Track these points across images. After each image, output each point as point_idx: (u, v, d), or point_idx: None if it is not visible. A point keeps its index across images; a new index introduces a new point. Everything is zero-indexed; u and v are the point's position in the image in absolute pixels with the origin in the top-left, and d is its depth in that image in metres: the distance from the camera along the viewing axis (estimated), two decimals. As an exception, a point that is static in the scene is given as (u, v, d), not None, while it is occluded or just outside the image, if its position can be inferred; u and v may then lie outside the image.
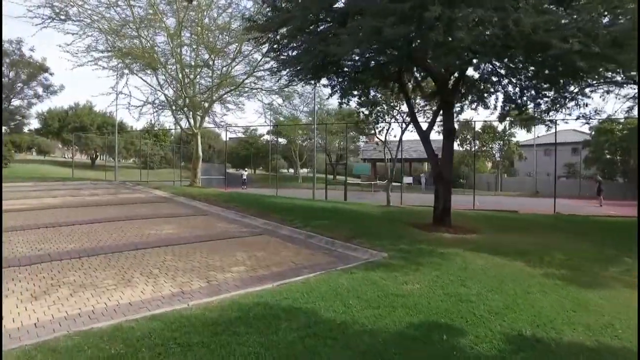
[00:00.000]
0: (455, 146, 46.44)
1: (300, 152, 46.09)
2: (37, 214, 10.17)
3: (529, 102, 10.83)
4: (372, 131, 17.31)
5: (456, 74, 9.97)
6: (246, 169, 45.12)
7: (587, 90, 10.96)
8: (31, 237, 7.52)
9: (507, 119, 32.92)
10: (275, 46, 10.39)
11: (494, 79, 11.08)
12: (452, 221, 10.25)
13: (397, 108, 16.24)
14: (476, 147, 49.62)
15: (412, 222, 10.44)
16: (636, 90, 12.78)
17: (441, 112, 10.87)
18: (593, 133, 33.67)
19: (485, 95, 11.45)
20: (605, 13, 7.30)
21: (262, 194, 18.26)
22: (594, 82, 11.20)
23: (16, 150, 41.65)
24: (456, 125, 17.49)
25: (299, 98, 21.18)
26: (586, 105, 10.48)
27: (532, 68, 9.08)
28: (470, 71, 10.79)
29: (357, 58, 11.22)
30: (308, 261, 6.64)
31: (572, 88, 10.63)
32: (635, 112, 14.92)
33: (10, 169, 31.01)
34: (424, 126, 11.20)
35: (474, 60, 7.35)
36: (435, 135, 18.19)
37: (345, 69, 11.46)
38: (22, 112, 25.71)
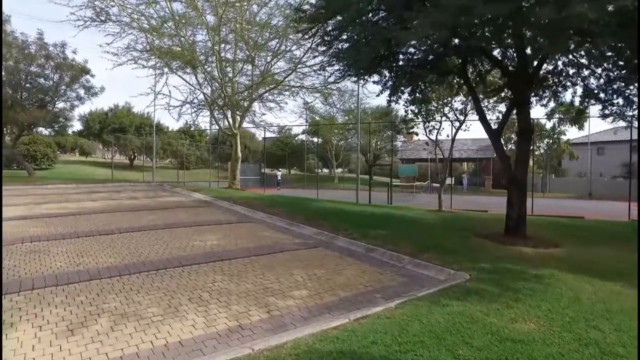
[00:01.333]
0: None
1: (336, 151, 45.14)
2: (77, 221, 9.72)
3: (614, 96, 9.42)
4: (416, 130, 16.11)
5: (534, 65, 8.70)
6: (280, 169, 44.63)
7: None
8: (70, 249, 6.94)
9: (556, 115, 30.82)
10: (326, 38, 9.47)
11: (571, 70, 9.77)
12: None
13: (450, 105, 15.06)
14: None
15: (478, 232, 9.28)
16: None
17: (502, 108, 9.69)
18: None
19: (560, 89, 10.10)
20: None
21: (304, 197, 17.45)
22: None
23: (61, 151, 42.94)
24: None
25: (341, 96, 20.19)
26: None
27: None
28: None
29: (413, 51, 10.19)
30: (377, 282, 5.69)
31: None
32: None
33: (54, 170, 31.75)
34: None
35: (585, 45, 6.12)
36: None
37: (401, 63, 10.43)
38: (66, 114, 25.93)
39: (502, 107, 14.77)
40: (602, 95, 9.50)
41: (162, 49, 16.66)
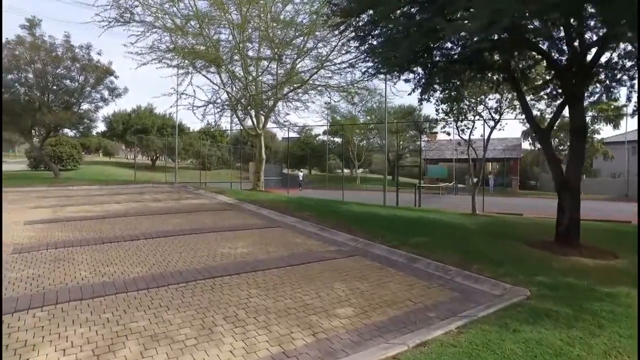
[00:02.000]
0: (527, 145, 42.78)
1: (358, 152, 44.51)
2: (101, 225, 9.45)
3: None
4: (447, 130, 15.41)
5: (589, 57, 7.95)
6: (302, 169, 44.26)
7: None
8: (94, 257, 6.60)
9: (590, 112, 29.42)
10: (359, 33, 8.94)
11: (628, 62, 8.96)
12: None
13: (484, 104, 14.33)
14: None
15: (524, 240, 8.58)
16: None
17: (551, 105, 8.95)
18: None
19: (614, 84, 9.29)
20: None
21: (330, 199, 16.94)
22: None
23: (85, 152, 43.63)
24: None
25: (368, 95, 19.57)
26: None
27: None
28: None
29: (450, 46, 9.57)
30: (427, 298, 5.13)
31: None
32: None
33: (79, 170, 32.15)
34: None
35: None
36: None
37: (437, 59, 9.81)
38: (90, 115, 26.11)
39: (542, 105, 13.96)
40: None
41: (186, 48, 16.39)
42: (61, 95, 23.66)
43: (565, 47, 8.44)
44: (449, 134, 15.18)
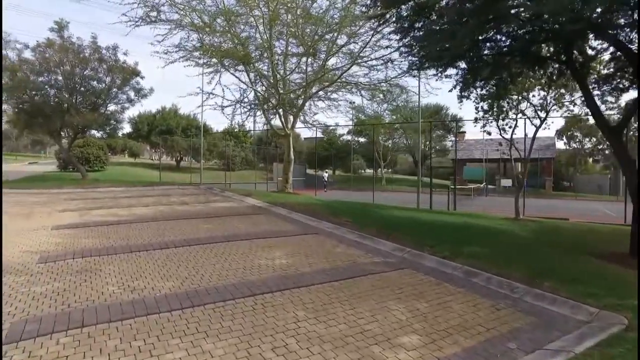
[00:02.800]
0: (561, 144, 41.00)
1: (383, 152, 43.62)
2: (129, 230, 9.02)
3: None
4: (488, 129, 14.43)
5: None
6: (326, 170, 43.63)
7: None
8: (123, 267, 6.12)
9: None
10: (404, 24, 8.23)
11: None
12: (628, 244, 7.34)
13: (528, 101, 13.36)
14: (585, 145, 43.48)
15: (590, 251, 7.70)
16: None
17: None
18: None
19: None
20: None
21: (361, 201, 16.23)
22: None
23: (111, 152, 44.19)
24: (562, 121, 14.16)
25: (400, 93, 18.71)
26: None
27: None
28: None
29: (499, 37, 8.76)
30: (500, 322, 4.41)
31: None
32: None
33: (105, 172, 32.41)
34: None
35: None
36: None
37: (487, 52, 9.03)
38: (117, 116, 26.15)
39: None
40: None
41: (213, 46, 15.92)
42: (88, 97, 23.72)
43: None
44: (489, 133, 14.18)
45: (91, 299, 4.81)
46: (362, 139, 46.70)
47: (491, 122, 13.82)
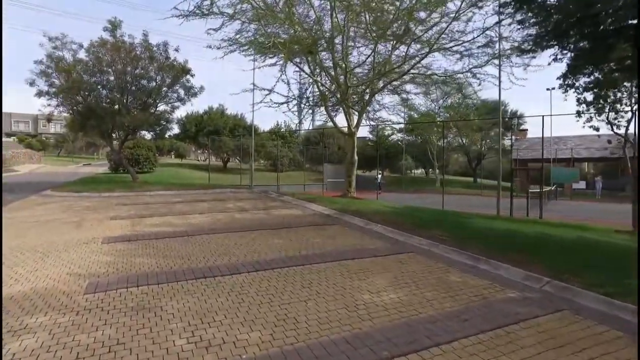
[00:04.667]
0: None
1: (437, 152, 41.11)
2: (187, 246, 7.68)
3: None
4: (595, 124, 12.18)
5: None
6: (380, 171, 41.71)
7: None
8: (189, 304, 4.70)
9: None
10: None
11: None
12: None
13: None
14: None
15: None
16: None
17: None
18: None
19: None
20: None
21: (429, 207, 14.33)
22: None
23: (159, 153, 44.46)
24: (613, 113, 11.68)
25: (479, 85, 16.50)
26: None
27: None
28: None
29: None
30: None
31: None
32: None
33: (154, 173, 32.22)
34: None
35: None
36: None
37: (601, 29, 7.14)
38: (167, 116, 25.51)
39: None
40: None
41: (273, 35, 14.38)
42: (139, 96, 23.19)
43: None
44: (597, 129, 11.91)
45: (153, 359, 3.41)
46: (410, 138, 44.34)
47: (601, 115, 11.57)
